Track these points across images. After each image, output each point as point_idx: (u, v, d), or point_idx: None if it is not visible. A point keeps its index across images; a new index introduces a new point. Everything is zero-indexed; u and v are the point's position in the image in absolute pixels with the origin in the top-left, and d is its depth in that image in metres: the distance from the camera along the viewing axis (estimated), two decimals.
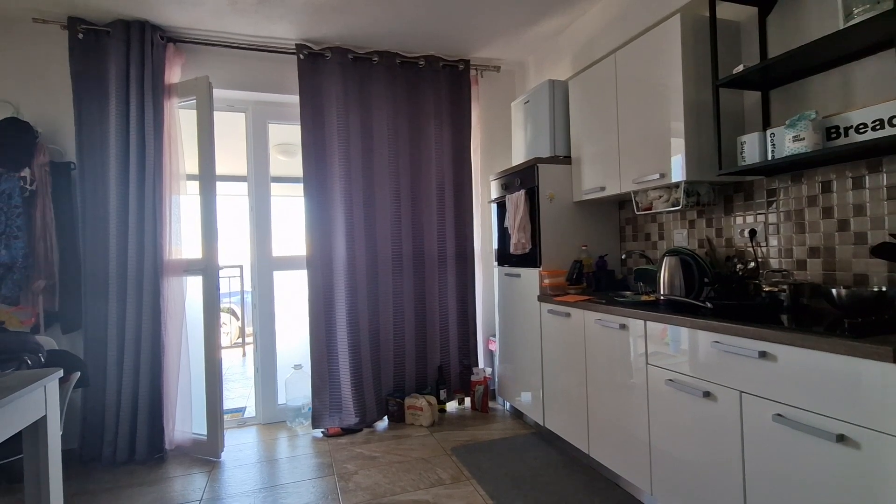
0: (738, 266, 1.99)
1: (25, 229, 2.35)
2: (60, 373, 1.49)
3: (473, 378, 3.19)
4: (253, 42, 2.88)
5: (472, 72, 3.32)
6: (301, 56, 2.88)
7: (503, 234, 3.02)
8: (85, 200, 2.54)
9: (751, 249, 2.01)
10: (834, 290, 1.50)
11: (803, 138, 1.57)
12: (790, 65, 1.69)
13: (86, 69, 2.55)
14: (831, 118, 1.58)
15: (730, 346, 1.49)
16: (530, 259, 2.70)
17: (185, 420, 2.62)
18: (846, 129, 1.54)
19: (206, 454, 2.56)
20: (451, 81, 3.23)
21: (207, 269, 2.56)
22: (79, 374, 1.88)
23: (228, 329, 6.06)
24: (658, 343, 1.81)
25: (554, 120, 2.74)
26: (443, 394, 3.13)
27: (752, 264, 1.95)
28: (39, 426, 1.43)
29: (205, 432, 2.56)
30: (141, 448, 2.50)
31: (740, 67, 1.78)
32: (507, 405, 3.18)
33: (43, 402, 1.42)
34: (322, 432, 2.86)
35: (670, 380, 1.73)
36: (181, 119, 2.68)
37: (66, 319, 2.51)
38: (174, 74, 2.69)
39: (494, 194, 3.16)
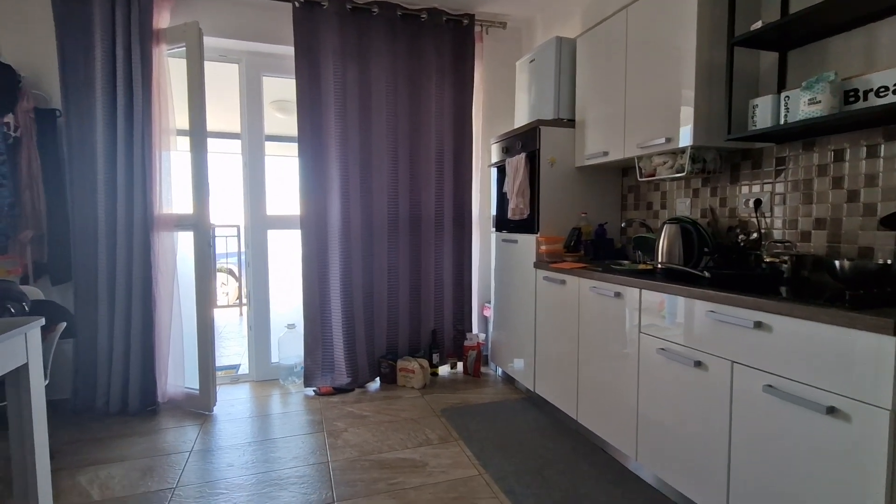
0: (741, 236, 1.93)
1: (11, 177, 2.29)
2: (42, 321, 1.46)
3: (467, 343, 3.19)
4: None
5: (477, 28, 3.17)
6: (296, 4, 2.74)
7: (502, 199, 2.95)
8: (72, 149, 2.47)
9: (754, 220, 1.95)
10: (837, 263, 1.45)
11: (819, 101, 1.48)
12: (812, 22, 1.58)
13: (69, 10, 2.42)
14: (851, 80, 1.48)
15: (725, 316, 1.45)
16: (528, 225, 2.64)
17: (177, 374, 2.64)
18: (865, 93, 1.45)
19: (198, 408, 2.59)
20: (454, 37, 3.08)
21: (199, 225, 2.52)
22: (64, 324, 1.86)
23: (227, 289, 6.08)
24: (652, 312, 1.77)
25: (559, 80, 2.62)
26: (435, 357, 3.14)
27: (755, 235, 1.89)
28: (21, 374, 1.42)
29: (197, 387, 2.58)
30: (133, 400, 2.52)
31: (758, 24, 1.67)
32: (499, 371, 3.20)
33: (24, 349, 1.40)
34: (314, 391, 2.88)
35: (662, 349, 1.71)
36: (171, 70, 2.57)
37: (55, 271, 2.48)
38: (162, 19, 2.56)
39: (495, 157, 3.07)
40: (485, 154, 3.31)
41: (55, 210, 2.46)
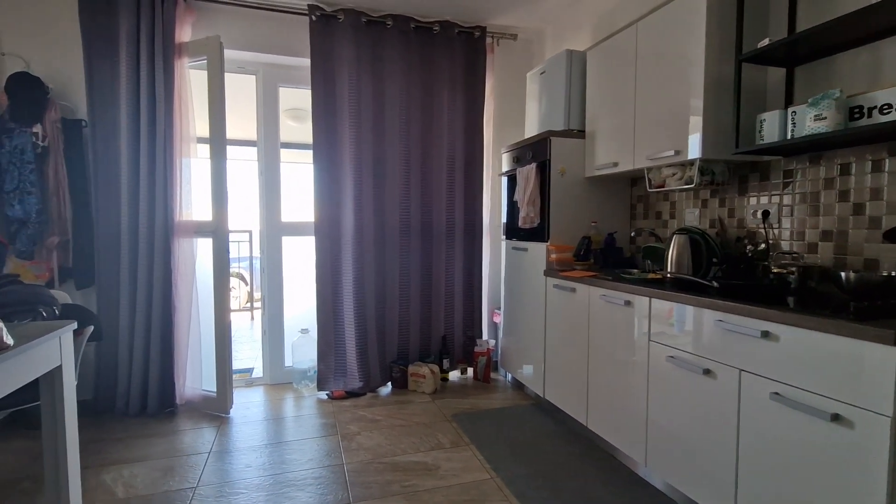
0: (749, 247, 1.97)
1: (38, 185, 2.38)
2: (74, 325, 1.53)
3: (477, 349, 3.23)
4: (265, 1, 2.81)
5: (489, 39, 3.24)
6: (313, 17, 2.82)
7: (512, 208, 3.01)
8: (97, 159, 2.55)
9: (763, 231, 1.99)
10: (843, 274, 1.48)
11: (825, 118, 1.52)
12: (819, 40, 1.62)
13: (96, 25, 2.52)
14: (856, 97, 1.53)
15: (733, 325, 1.49)
16: (538, 233, 2.69)
17: (195, 377, 2.70)
18: (870, 110, 1.49)
19: (215, 410, 2.65)
20: (466, 49, 3.15)
21: (217, 231, 2.59)
22: (92, 328, 1.93)
23: (237, 293, 6.16)
24: (661, 320, 1.81)
25: (570, 92, 2.67)
26: (446, 363, 3.18)
27: (763, 246, 1.93)
28: (55, 375, 1.48)
29: (214, 389, 2.64)
30: (153, 402, 2.59)
31: (765, 41, 1.72)
32: (509, 376, 3.24)
33: (58, 352, 1.47)
34: (327, 395, 2.94)
35: (671, 357, 1.75)
36: (192, 80, 2.66)
37: (79, 275, 2.56)
38: (185, 33, 2.65)
39: (505, 167, 3.12)
40: (495, 163, 3.37)
41: (80, 216, 2.54)
